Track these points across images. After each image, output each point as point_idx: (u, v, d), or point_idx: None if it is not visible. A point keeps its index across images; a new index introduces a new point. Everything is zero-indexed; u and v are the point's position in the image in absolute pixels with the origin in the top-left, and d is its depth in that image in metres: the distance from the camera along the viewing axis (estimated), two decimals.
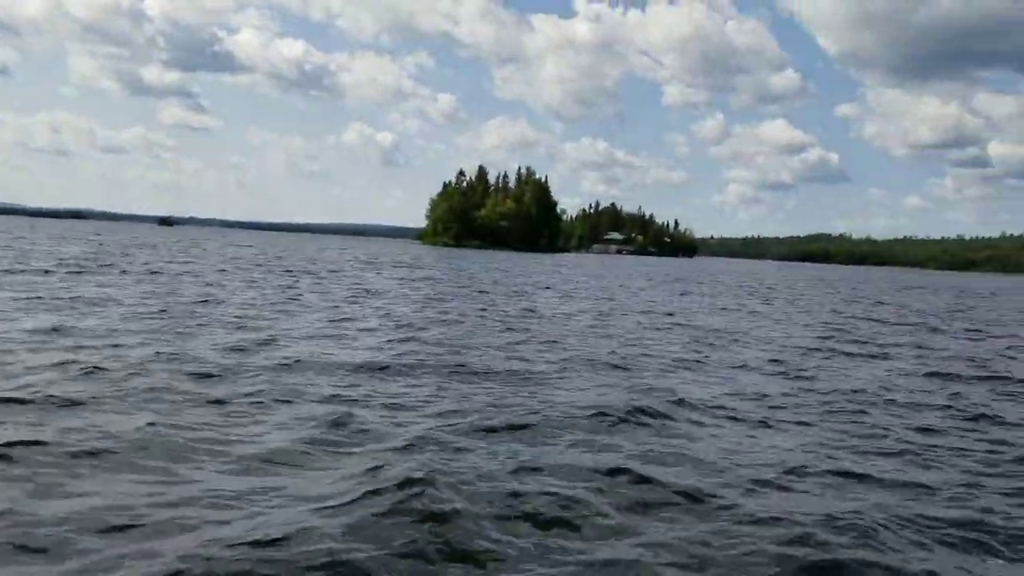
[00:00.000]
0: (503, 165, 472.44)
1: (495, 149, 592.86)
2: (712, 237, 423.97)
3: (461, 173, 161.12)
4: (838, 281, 78.86)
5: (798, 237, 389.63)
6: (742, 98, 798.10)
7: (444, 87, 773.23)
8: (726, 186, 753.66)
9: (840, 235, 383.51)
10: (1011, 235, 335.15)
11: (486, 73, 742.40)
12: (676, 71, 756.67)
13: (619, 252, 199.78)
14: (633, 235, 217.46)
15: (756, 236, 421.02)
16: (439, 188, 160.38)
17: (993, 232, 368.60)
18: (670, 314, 22.25)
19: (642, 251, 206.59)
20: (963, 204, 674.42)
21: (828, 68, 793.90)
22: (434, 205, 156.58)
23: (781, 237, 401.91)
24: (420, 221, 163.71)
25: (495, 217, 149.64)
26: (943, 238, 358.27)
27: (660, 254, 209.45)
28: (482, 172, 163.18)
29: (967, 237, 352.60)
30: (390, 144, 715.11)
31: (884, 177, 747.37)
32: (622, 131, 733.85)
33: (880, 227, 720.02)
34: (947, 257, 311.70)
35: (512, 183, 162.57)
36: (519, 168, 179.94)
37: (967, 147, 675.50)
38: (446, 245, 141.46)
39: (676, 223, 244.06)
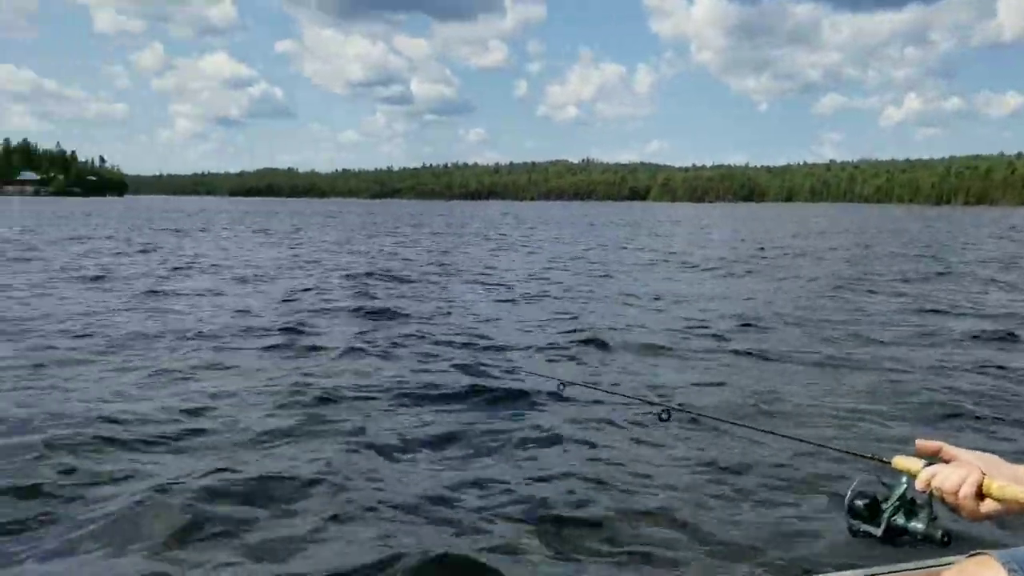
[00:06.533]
0: None
1: None
2: (161, 175, 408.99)
3: None
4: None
5: (248, 173, 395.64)
6: (181, 29, 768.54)
7: None
8: (173, 121, 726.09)
9: (288, 169, 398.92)
10: (430, 165, 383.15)
11: None
12: None
13: (36, 193, 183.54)
14: (52, 174, 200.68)
15: (205, 172, 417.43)
16: None
17: (417, 163, 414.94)
18: None
19: (63, 192, 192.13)
20: (393, 138, 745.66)
21: (266, 3, 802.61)
22: None
23: (232, 173, 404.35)
24: None
25: None
26: (376, 169, 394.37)
27: (84, 194, 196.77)
28: None
29: (396, 168, 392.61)
30: None
31: (324, 113, 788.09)
32: (50, 59, 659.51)
33: (323, 161, 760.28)
34: (376, 187, 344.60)
35: None
36: None
37: (393, 85, 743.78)
38: None
39: (103, 160, 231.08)
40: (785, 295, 15.01)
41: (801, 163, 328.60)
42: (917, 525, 1.60)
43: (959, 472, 1.51)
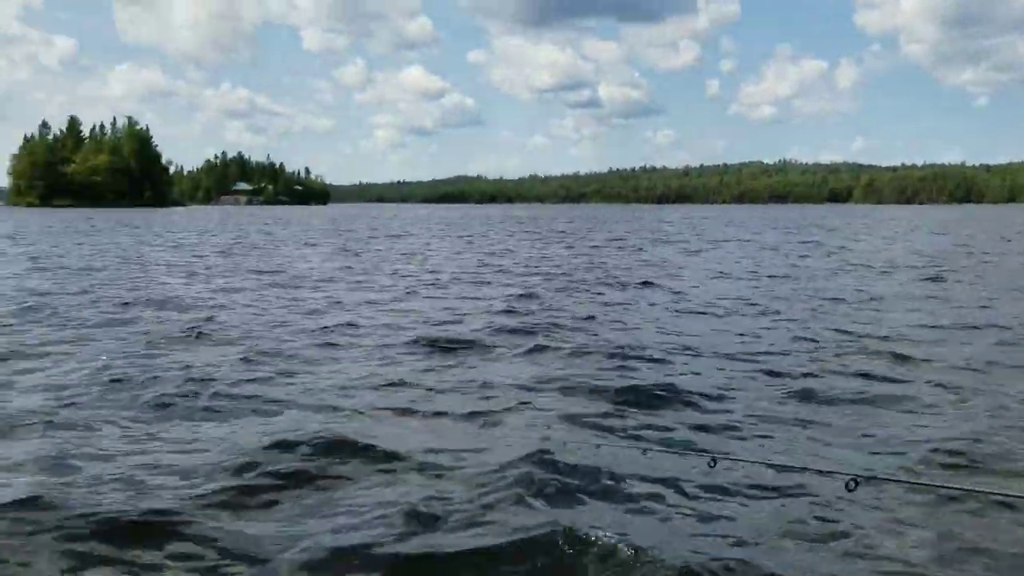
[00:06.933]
0: (138, 115, 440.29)
1: (126, 98, 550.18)
2: (360, 183, 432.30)
3: (45, 124, 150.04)
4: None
5: (440, 180, 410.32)
6: (381, 44, 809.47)
7: (58, 29, 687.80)
8: (372, 132, 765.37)
9: (477, 176, 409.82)
10: (616, 169, 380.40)
11: (107, 15, 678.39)
12: (314, 15, 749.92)
13: (249, 203, 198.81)
14: (263, 185, 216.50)
15: (401, 181, 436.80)
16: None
17: (603, 167, 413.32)
18: None
19: (273, 201, 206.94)
20: (581, 142, 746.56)
21: (459, 16, 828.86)
22: (15, 161, 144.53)
23: (425, 180, 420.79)
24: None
25: (87, 171, 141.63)
26: (563, 174, 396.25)
27: (291, 203, 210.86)
28: (73, 123, 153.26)
29: (582, 173, 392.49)
30: None
31: (513, 120, 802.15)
32: (263, 77, 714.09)
33: (511, 167, 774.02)
34: (563, 192, 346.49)
35: (110, 135, 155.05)
36: (114, 118, 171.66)
37: (581, 89, 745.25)
38: (31, 205, 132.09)
39: (307, 171, 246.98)
40: (1007, 311, 12.43)
41: None
42: None
43: None
